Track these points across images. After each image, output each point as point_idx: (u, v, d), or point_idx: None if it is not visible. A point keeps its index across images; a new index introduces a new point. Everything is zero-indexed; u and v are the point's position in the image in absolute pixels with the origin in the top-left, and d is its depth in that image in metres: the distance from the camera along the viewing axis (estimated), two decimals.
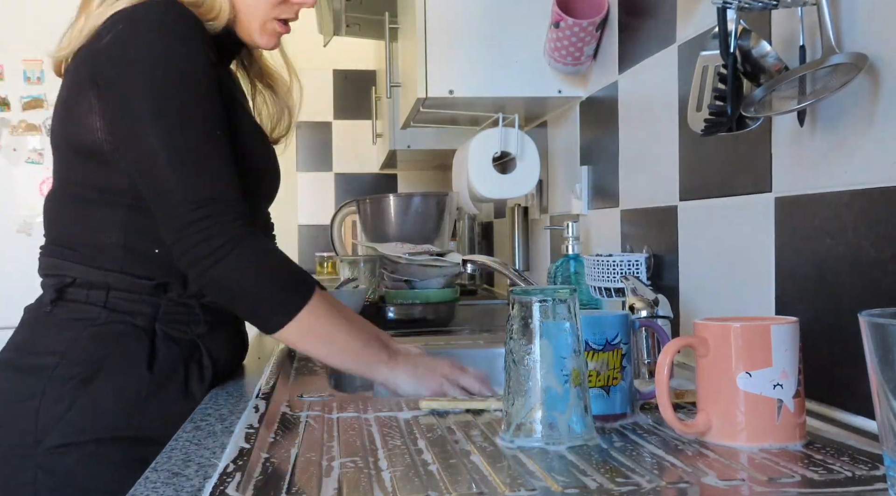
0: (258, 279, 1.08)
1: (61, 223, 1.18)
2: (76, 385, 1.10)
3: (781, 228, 1.05)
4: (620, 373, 0.90)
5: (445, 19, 1.86)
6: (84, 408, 1.09)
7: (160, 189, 1.07)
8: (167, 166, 1.06)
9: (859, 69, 0.85)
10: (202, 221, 1.05)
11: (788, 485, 0.68)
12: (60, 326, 1.14)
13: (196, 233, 1.05)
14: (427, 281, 1.95)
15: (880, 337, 0.58)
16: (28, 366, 1.13)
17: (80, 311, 1.14)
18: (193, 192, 1.06)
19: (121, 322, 1.14)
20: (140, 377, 1.12)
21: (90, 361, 1.11)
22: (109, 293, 1.14)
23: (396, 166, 3.79)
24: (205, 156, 1.08)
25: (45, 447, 1.09)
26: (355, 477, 0.74)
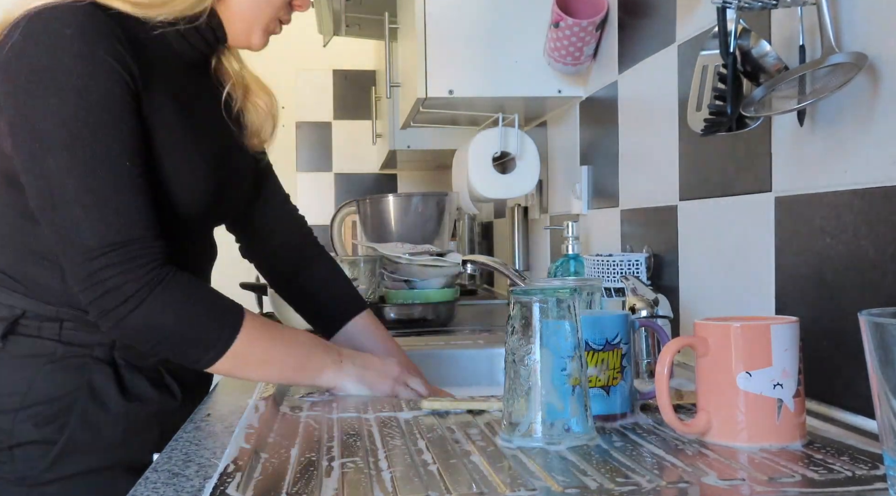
0: (180, 321, 1.00)
1: (4, 252, 1.10)
2: (47, 424, 1.06)
3: (781, 228, 1.05)
4: (620, 373, 0.90)
5: (445, 19, 1.86)
6: (65, 447, 1.06)
7: (63, 231, 0.97)
8: (71, 206, 0.96)
9: (859, 69, 0.85)
10: (110, 268, 0.96)
11: (788, 484, 0.68)
12: (16, 364, 1.07)
13: (105, 280, 0.96)
14: (427, 281, 1.95)
15: (880, 337, 0.58)
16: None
17: (35, 347, 1.07)
18: (100, 235, 0.96)
19: (80, 355, 1.09)
20: (116, 407, 1.09)
21: (56, 399, 1.07)
22: (63, 325, 1.08)
23: (396, 166, 3.79)
24: (113, 193, 0.97)
25: (29, 484, 1.06)
26: (355, 477, 0.74)
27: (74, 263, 0.98)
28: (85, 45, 0.97)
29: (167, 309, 0.99)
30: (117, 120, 0.99)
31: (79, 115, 0.97)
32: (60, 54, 0.97)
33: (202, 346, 1.02)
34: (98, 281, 0.97)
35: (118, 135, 0.99)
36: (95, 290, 0.97)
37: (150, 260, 0.99)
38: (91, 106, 0.97)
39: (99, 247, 0.96)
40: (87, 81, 0.97)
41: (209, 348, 1.02)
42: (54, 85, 0.97)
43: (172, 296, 1.00)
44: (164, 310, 0.99)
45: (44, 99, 0.96)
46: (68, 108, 0.97)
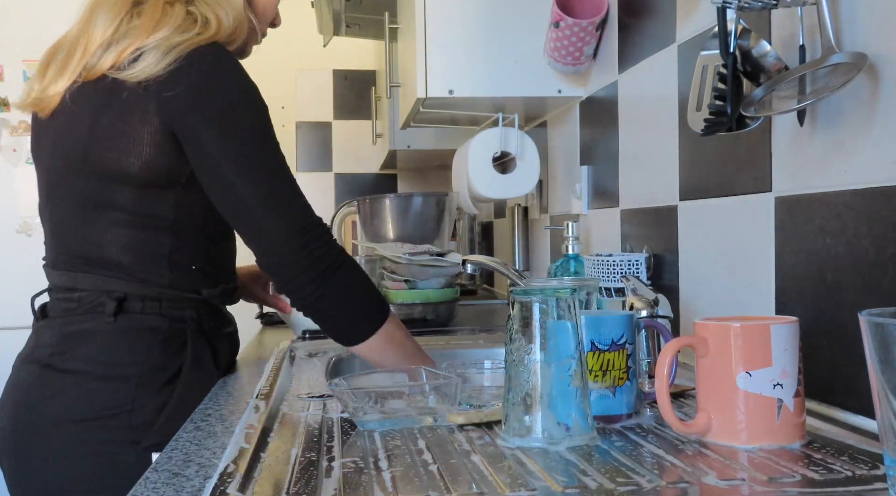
0: (356, 293, 1.18)
1: (92, 242, 1.22)
2: (160, 390, 1.20)
3: (781, 228, 1.05)
4: (626, 373, 0.90)
5: (445, 19, 1.86)
6: (175, 411, 1.17)
7: (259, 227, 1.15)
8: (260, 208, 1.14)
9: (859, 69, 0.85)
10: (307, 247, 1.14)
11: (788, 484, 0.68)
12: (131, 337, 1.21)
13: (304, 257, 1.13)
14: (427, 281, 1.95)
15: (880, 337, 0.58)
16: (110, 375, 1.19)
17: (142, 321, 1.21)
18: (290, 223, 1.14)
19: (180, 329, 1.24)
20: (213, 374, 1.26)
21: (168, 367, 1.21)
22: (162, 304, 1.23)
23: (396, 166, 3.79)
24: (287, 189, 1.17)
25: (143, 446, 1.17)
26: (355, 477, 0.74)
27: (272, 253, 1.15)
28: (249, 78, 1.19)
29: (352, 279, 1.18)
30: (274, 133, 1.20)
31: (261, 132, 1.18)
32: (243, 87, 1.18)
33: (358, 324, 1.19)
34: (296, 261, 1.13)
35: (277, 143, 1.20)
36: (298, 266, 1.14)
37: (329, 237, 1.18)
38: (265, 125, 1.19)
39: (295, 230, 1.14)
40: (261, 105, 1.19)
41: (361, 328, 1.19)
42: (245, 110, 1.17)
43: (350, 274, 1.18)
44: (351, 281, 1.17)
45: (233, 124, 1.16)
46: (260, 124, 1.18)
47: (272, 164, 1.17)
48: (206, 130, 1.14)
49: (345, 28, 2.74)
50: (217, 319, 1.31)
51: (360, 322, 1.19)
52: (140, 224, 1.20)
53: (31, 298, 1.31)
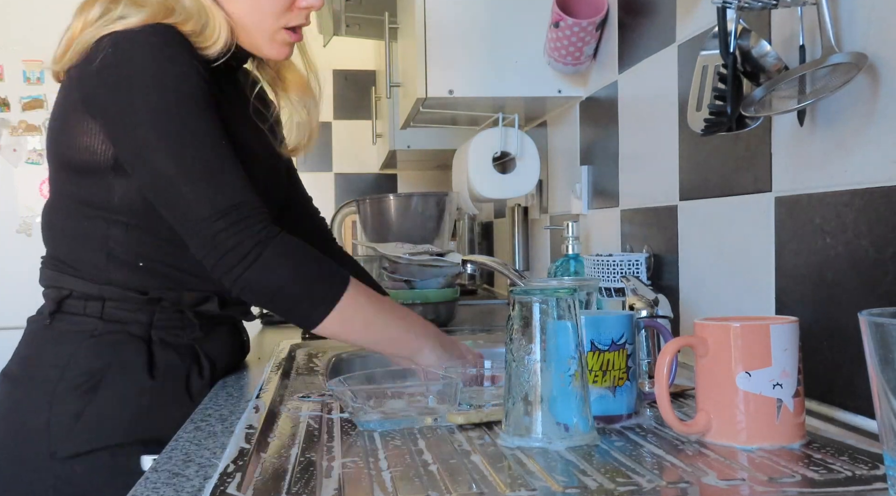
0: (294, 276, 1.07)
1: (56, 237, 1.20)
2: (80, 396, 1.12)
3: (781, 228, 1.05)
4: (626, 373, 0.90)
5: (445, 19, 1.86)
6: (92, 419, 1.11)
7: (179, 208, 1.07)
8: (182, 185, 1.06)
9: (859, 69, 0.85)
10: (228, 230, 1.05)
11: (788, 484, 0.68)
12: (59, 339, 1.15)
13: (224, 241, 1.05)
14: (427, 281, 1.95)
15: (880, 337, 0.58)
16: (31, 379, 1.15)
17: (78, 323, 1.15)
18: (212, 204, 1.06)
19: (117, 332, 1.15)
20: (142, 384, 1.14)
21: (91, 372, 1.13)
22: (105, 304, 1.15)
23: (396, 166, 3.79)
24: (216, 167, 1.08)
25: (59, 458, 1.11)
26: (355, 477, 0.74)
27: (194, 233, 1.07)
28: (171, 49, 1.10)
29: (280, 264, 1.06)
30: (208, 109, 1.11)
31: (178, 106, 1.08)
32: (152, 58, 1.09)
33: (311, 303, 1.08)
34: (217, 243, 1.05)
35: (212, 120, 1.10)
36: (217, 253, 1.05)
37: (259, 219, 1.07)
38: (186, 97, 1.09)
39: (211, 215, 1.05)
40: (178, 78, 1.09)
41: (318, 305, 1.08)
42: (153, 82, 1.08)
43: (285, 252, 1.07)
44: (277, 266, 1.06)
45: (144, 96, 1.07)
46: (169, 99, 1.08)
47: (193, 137, 1.08)
48: (116, 104, 1.09)
49: (345, 28, 2.74)
50: (178, 326, 1.19)
51: (305, 305, 1.09)
52: (80, 213, 1.16)
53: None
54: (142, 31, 1.10)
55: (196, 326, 1.20)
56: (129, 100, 1.08)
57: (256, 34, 1.20)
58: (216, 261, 1.06)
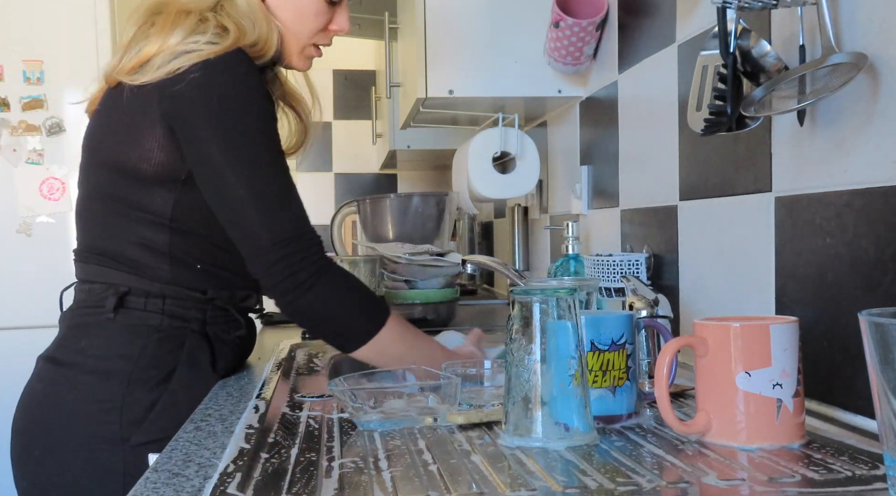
0: (340, 307, 1.17)
1: (104, 235, 1.24)
2: (153, 388, 1.18)
3: (781, 228, 1.05)
4: (626, 373, 0.90)
5: (445, 19, 1.86)
6: (164, 410, 1.17)
7: (246, 230, 1.15)
8: (251, 209, 1.14)
9: (859, 69, 0.85)
10: (288, 258, 1.13)
11: (788, 484, 0.68)
12: (127, 332, 1.21)
13: (283, 269, 1.13)
14: (427, 281, 1.95)
15: (880, 337, 0.58)
16: (104, 370, 1.19)
17: (142, 318, 1.21)
18: (277, 232, 1.14)
19: (180, 327, 1.22)
20: (208, 376, 1.23)
21: (162, 365, 1.19)
22: (165, 301, 1.22)
23: (396, 166, 3.79)
24: (282, 195, 1.16)
25: (131, 444, 1.16)
26: (355, 477, 0.74)
27: (257, 256, 1.15)
28: (254, 77, 1.18)
29: (332, 294, 1.16)
30: (277, 136, 1.21)
31: (258, 133, 1.17)
32: (240, 85, 1.17)
33: (351, 333, 1.18)
34: (277, 270, 1.14)
35: (279, 148, 1.20)
36: (275, 278, 1.14)
37: (316, 250, 1.16)
38: (265, 125, 1.18)
39: (278, 241, 1.14)
40: (260, 106, 1.18)
41: (356, 335, 1.18)
42: (237, 108, 1.16)
43: (336, 285, 1.17)
44: (330, 296, 1.16)
45: (232, 124, 1.15)
46: (259, 126, 1.17)
47: (267, 165, 1.17)
48: (201, 124, 1.15)
49: None
50: (225, 323, 1.29)
51: (346, 334, 1.18)
52: (139, 218, 1.21)
53: (60, 293, 1.32)
54: (227, 59, 1.17)
55: (241, 323, 1.30)
56: (212, 123, 1.14)
57: (293, 44, 1.29)
58: (273, 284, 1.14)
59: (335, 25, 1.32)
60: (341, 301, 1.17)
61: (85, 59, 2.84)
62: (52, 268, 2.78)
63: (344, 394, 0.95)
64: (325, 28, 1.31)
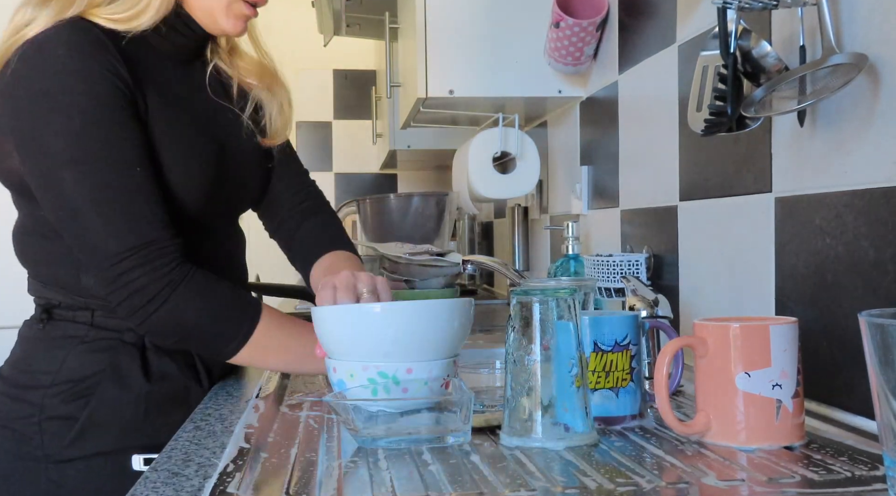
0: (201, 317, 1.06)
1: (28, 256, 1.19)
2: (72, 401, 1.10)
3: (781, 228, 1.05)
4: (630, 374, 0.90)
5: (445, 19, 1.86)
6: (86, 424, 1.10)
7: (84, 239, 1.03)
8: (88, 215, 1.01)
9: (859, 69, 0.85)
10: (134, 271, 1.02)
11: (788, 485, 0.68)
12: (51, 344, 1.14)
13: (129, 282, 1.02)
14: (427, 281, 1.95)
15: (880, 337, 0.58)
16: (24, 384, 1.13)
17: (69, 329, 1.14)
18: (120, 241, 1.01)
19: (110, 338, 1.13)
20: (138, 388, 1.12)
21: (84, 378, 1.11)
22: (94, 313, 1.13)
23: (396, 166, 3.79)
24: (127, 199, 1.03)
25: (52, 460, 1.10)
26: (355, 477, 0.74)
27: (99, 269, 1.04)
28: (78, 61, 1.02)
29: (189, 306, 1.05)
30: (121, 129, 1.04)
31: (85, 130, 1.02)
32: (58, 74, 1.02)
33: (224, 339, 1.09)
34: (123, 283, 1.03)
35: (124, 144, 1.04)
36: (121, 293, 1.03)
37: (169, 260, 1.04)
38: (95, 120, 1.03)
39: (119, 252, 1.02)
40: (87, 97, 1.02)
41: (230, 340, 1.09)
42: (57, 104, 1.02)
43: (193, 294, 1.06)
44: (187, 307, 1.05)
45: (48, 118, 1.02)
46: (74, 124, 1.02)
47: (106, 164, 1.02)
48: (14, 124, 1.03)
49: (345, 28, 2.74)
50: None
51: (218, 341, 1.08)
52: (44, 234, 1.13)
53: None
54: (48, 40, 1.03)
55: None
56: (35, 119, 1.02)
57: (214, 5, 1.13)
58: (121, 300, 1.03)
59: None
60: (202, 310, 1.06)
61: None
62: None
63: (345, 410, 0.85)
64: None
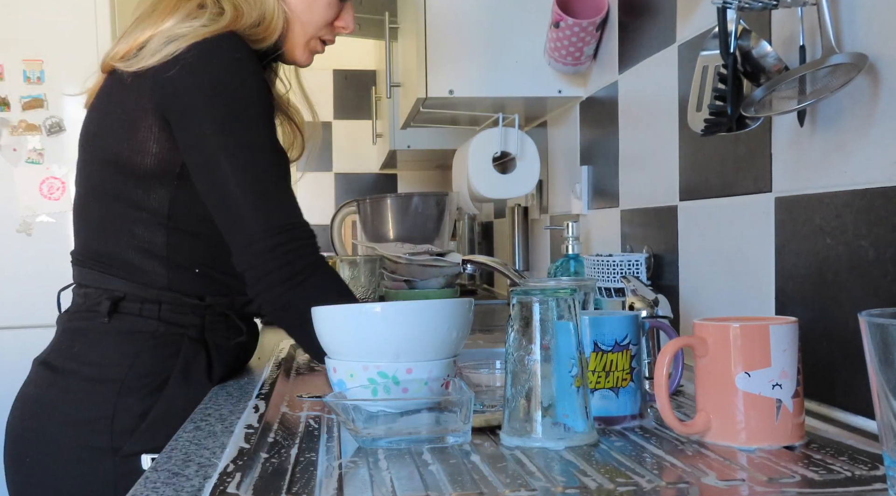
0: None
1: (101, 237, 1.20)
2: (145, 396, 1.14)
3: (781, 228, 1.05)
4: (630, 374, 0.90)
5: (445, 19, 1.86)
6: (156, 419, 1.13)
7: (236, 217, 1.10)
8: (242, 196, 1.09)
9: (859, 69, 0.85)
10: (282, 247, 1.09)
11: (788, 485, 0.68)
12: (121, 339, 1.17)
13: (277, 257, 1.08)
14: (427, 281, 1.95)
15: (880, 337, 0.58)
16: (96, 377, 1.16)
17: (137, 324, 1.17)
18: (270, 219, 1.09)
19: (177, 334, 1.18)
20: (202, 385, 1.18)
21: (156, 373, 1.16)
22: (161, 307, 1.17)
23: (396, 166, 3.79)
24: (275, 183, 1.12)
25: (123, 454, 1.13)
26: (355, 477, 0.74)
27: (247, 244, 1.10)
28: (250, 65, 1.15)
29: (325, 293, 1.10)
30: (273, 124, 1.17)
31: (253, 120, 1.13)
32: (236, 71, 1.13)
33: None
34: (269, 259, 1.09)
35: (274, 136, 1.17)
36: (264, 268, 1.09)
37: (311, 244, 1.12)
38: (261, 112, 1.14)
39: (267, 230, 1.09)
40: (257, 91, 1.14)
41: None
42: (235, 94, 1.12)
43: (331, 282, 1.13)
44: (323, 293, 1.09)
45: (222, 104, 1.11)
46: (249, 113, 1.12)
47: (261, 152, 1.12)
48: (194, 107, 1.11)
49: None
50: (225, 329, 1.24)
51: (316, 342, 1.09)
52: (136, 217, 1.17)
53: (58, 293, 1.29)
54: (221, 43, 1.13)
55: (242, 329, 1.25)
56: (206, 106, 1.11)
57: (300, 33, 1.26)
58: (261, 275, 1.09)
59: (341, 22, 1.30)
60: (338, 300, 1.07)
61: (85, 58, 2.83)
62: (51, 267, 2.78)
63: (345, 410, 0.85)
64: (332, 23, 1.29)
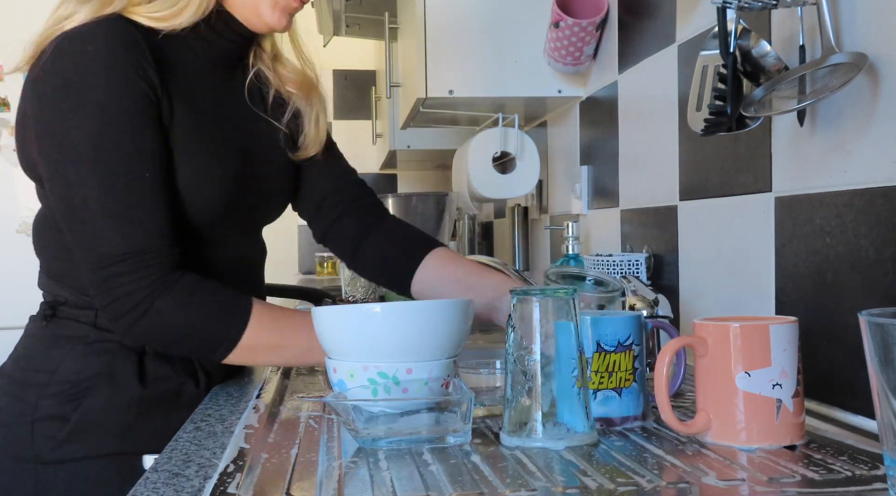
0: (184, 325, 1.04)
1: (43, 248, 1.17)
2: (66, 402, 1.09)
3: (781, 228, 1.05)
4: (633, 374, 0.90)
5: (445, 19, 1.86)
6: (77, 427, 1.08)
7: (81, 238, 1.03)
8: (90, 216, 1.01)
9: (859, 69, 0.85)
10: (121, 277, 1.01)
11: (788, 485, 0.68)
12: (51, 344, 1.13)
13: (114, 288, 1.01)
14: None
15: (880, 337, 0.58)
16: (22, 381, 1.12)
17: (71, 329, 1.12)
18: (115, 244, 1.01)
19: (110, 341, 1.11)
20: (131, 392, 1.10)
21: (79, 379, 1.10)
22: (97, 314, 1.11)
23: (396, 166, 3.79)
24: (130, 204, 1.02)
25: (42, 462, 1.09)
26: (355, 477, 0.74)
27: (89, 269, 1.03)
28: (107, 59, 1.02)
29: (173, 314, 1.03)
30: (138, 131, 1.04)
31: (101, 129, 1.02)
32: (84, 70, 1.02)
33: (211, 345, 1.06)
34: (109, 288, 1.02)
35: (138, 147, 1.04)
36: (107, 296, 1.02)
37: (158, 268, 1.03)
38: (113, 119, 1.02)
39: (112, 255, 1.01)
40: (109, 95, 1.02)
41: (218, 346, 1.06)
42: (78, 99, 1.01)
43: (177, 302, 1.04)
44: (170, 316, 1.03)
45: (69, 112, 1.01)
46: (91, 121, 1.01)
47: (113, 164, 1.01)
48: (35, 117, 1.04)
49: (345, 28, 2.75)
50: None
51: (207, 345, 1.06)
52: (54, 224, 1.10)
53: None
54: (81, 35, 1.03)
55: None
56: (55, 111, 1.02)
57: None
58: (105, 304, 1.03)
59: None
60: (189, 314, 1.04)
61: None
62: None
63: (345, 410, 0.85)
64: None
